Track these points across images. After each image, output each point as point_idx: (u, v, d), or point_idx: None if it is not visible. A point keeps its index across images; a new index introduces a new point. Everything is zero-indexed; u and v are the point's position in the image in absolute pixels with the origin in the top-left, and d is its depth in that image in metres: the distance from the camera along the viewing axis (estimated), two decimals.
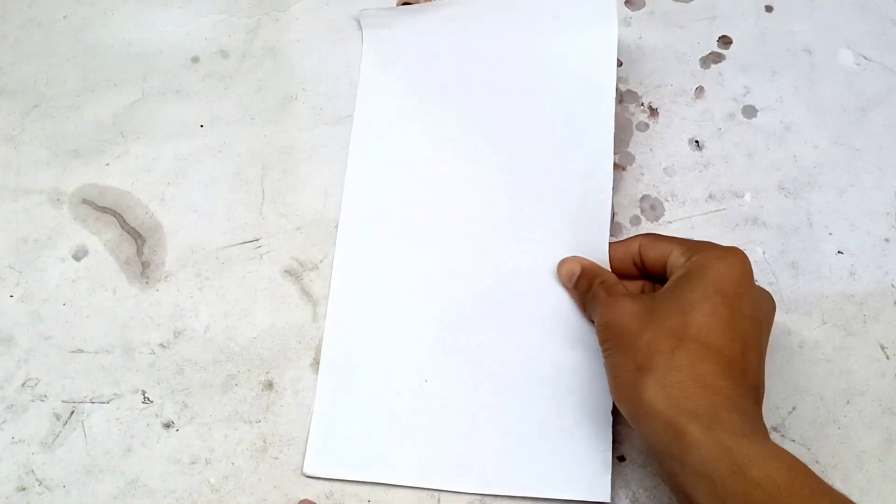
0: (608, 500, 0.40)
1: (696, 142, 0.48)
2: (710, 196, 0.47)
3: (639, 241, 0.41)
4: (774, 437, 0.42)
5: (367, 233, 0.46)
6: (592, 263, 0.42)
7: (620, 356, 0.36)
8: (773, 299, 0.40)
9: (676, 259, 0.38)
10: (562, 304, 0.43)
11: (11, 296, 0.45)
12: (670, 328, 0.35)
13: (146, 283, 0.45)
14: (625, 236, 0.46)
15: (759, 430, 0.34)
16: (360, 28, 0.50)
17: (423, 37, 0.49)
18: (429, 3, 0.50)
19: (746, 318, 0.36)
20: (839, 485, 0.41)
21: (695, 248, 0.38)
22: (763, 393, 0.36)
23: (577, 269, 0.42)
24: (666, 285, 0.38)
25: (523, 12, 0.49)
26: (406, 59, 0.49)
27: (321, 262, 0.46)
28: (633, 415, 0.35)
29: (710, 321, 0.35)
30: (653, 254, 0.40)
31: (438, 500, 0.41)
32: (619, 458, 0.41)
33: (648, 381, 0.34)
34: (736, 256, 0.37)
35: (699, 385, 0.34)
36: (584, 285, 0.42)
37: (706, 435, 0.32)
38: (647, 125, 0.49)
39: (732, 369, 0.34)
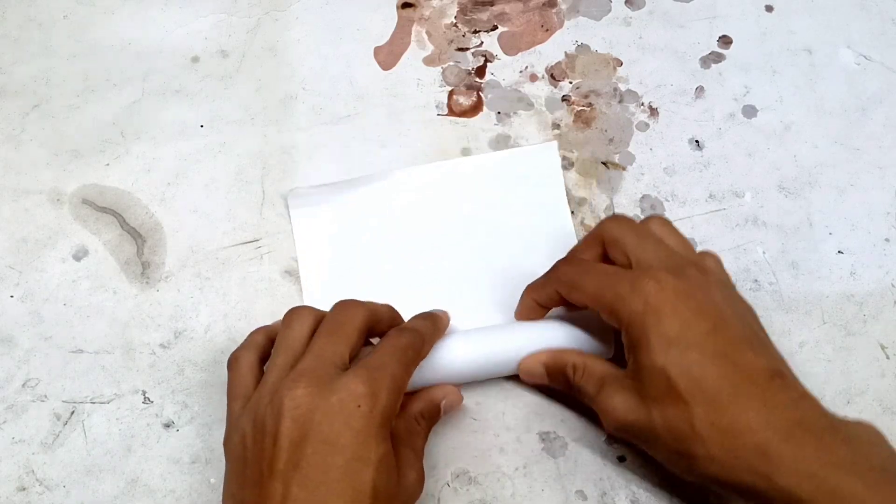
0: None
1: (697, 141, 0.48)
2: (711, 196, 0.47)
3: (554, 287, 0.39)
4: None
5: None
6: (552, 355, 0.40)
7: (658, 450, 0.36)
8: (713, 258, 0.39)
9: (608, 319, 0.37)
10: None
11: (12, 296, 0.45)
12: (671, 411, 0.34)
13: (146, 283, 0.45)
14: None
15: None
16: (287, 208, 0.46)
17: (358, 207, 0.46)
18: (360, 176, 0.47)
19: (717, 325, 0.35)
20: None
21: (610, 301, 0.36)
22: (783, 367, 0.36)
23: (540, 369, 0.40)
24: (628, 357, 0.37)
25: (469, 174, 0.47)
26: (342, 232, 0.46)
27: None
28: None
29: (693, 373, 0.34)
30: (580, 302, 0.38)
31: (438, 500, 0.41)
32: (619, 459, 0.41)
33: (699, 461, 0.34)
34: (645, 283, 0.36)
35: (745, 428, 0.33)
36: (560, 380, 0.40)
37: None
38: (647, 125, 0.49)
39: (758, 381, 0.34)
